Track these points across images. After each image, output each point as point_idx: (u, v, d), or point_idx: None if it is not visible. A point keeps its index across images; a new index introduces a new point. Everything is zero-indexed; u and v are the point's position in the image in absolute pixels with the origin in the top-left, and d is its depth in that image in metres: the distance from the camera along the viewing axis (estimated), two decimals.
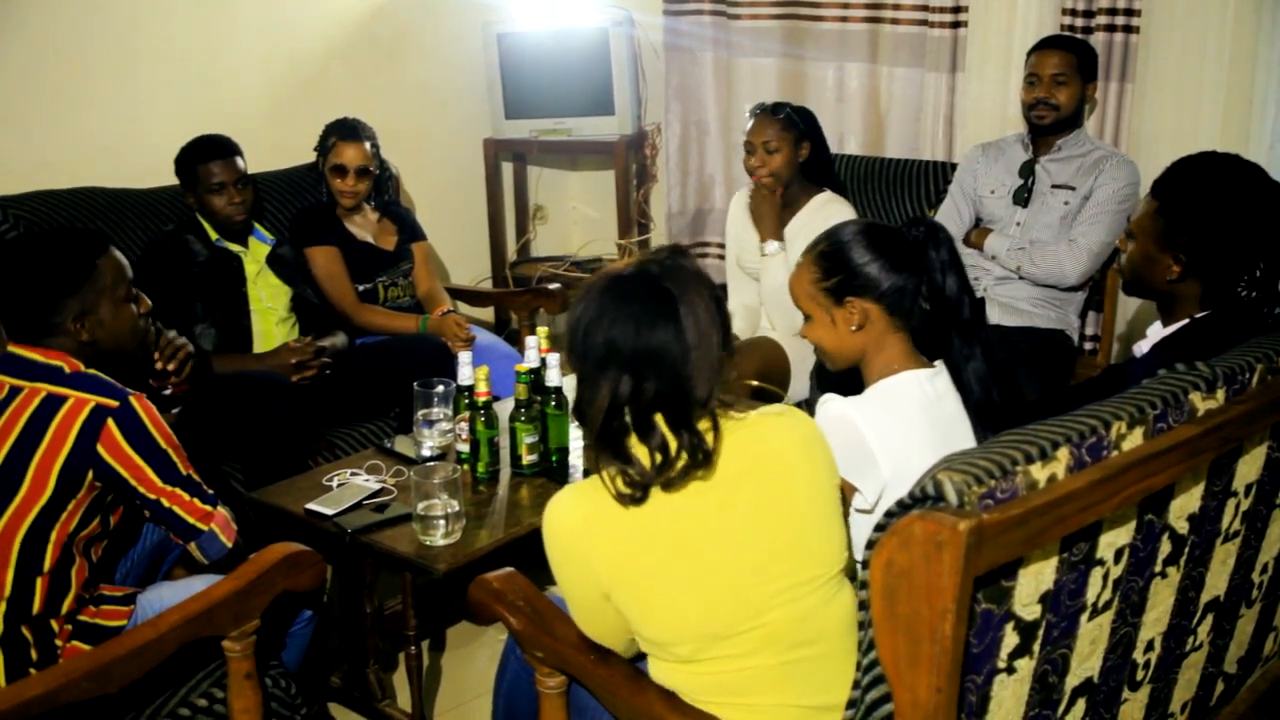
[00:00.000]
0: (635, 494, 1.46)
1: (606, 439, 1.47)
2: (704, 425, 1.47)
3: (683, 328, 1.45)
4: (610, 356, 1.46)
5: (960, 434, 1.84)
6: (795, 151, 3.01)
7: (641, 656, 1.64)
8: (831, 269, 1.85)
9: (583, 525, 1.51)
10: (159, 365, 2.25)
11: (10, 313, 1.92)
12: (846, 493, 1.78)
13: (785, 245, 2.99)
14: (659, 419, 1.46)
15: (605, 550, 1.50)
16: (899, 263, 1.82)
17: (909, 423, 1.79)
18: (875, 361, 1.85)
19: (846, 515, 1.78)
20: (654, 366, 1.45)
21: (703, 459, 1.46)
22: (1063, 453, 1.24)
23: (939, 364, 1.88)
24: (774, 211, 3.01)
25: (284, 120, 3.68)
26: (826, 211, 2.96)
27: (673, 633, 1.51)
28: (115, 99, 3.35)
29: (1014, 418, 1.81)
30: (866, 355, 1.86)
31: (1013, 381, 1.91)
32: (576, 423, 1.53)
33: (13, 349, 1.91)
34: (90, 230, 2.22)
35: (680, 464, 1.45)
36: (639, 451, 1.47)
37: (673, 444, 1.45)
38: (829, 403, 1.82)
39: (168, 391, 2.12)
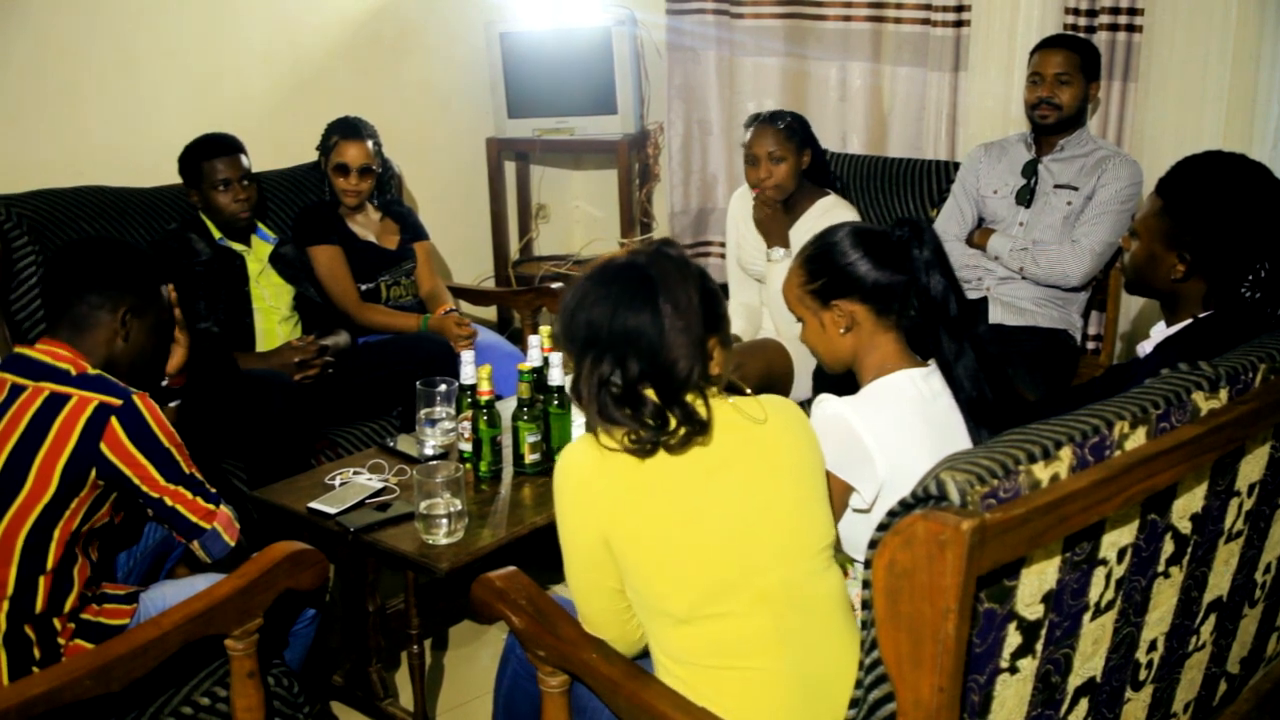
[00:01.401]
0: (645, 446, 1.52)
1: (602, 413, 1.55)
2: (692, 397, 1.54)
3: (660, 312, 1.52)
4: (591, 338, 1.55)
5: (956, 432, 1.84)
6: (799, 160, 3.01)
7: (643, 656, 1.65)
8: (816, 272, 1.87)
9: (594, 469, 1.57)
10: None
11: (68, 290, 1.92)
12: (844, 492, 1.78)
13: (791, 251, 2.98)
14: (649, 392, 1.53)
15: (611, 494, 1.56)
16: (882, 262, 1.83)
17: (904, 422, 1.79)
18: (868, 362, 1.86)
19: (842, 511, 1.79)
20: (633, 347, 1.52)
21: (699, 427, 1.53)
22: (1065, 452, 1.24)
23: (932, 363, 1.87)
24: (780, 220, 3.01)
25: (286, 119, 3.68)
26: (830, 216, 2.94)
27: (669, 585, 1.55)
28: (118, 98, 3.35)
29: (1008, 413, 1.82)
30: (859, 356, 1.86)
31: (1005, 377, 1.91)
32: (575, 401, 1.61)
33: (20, 350, 1.91)
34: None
35: (681, 432, 1.53)
36: (634, 422, 1.53)
37: (670, 416, 1.53)
38: (825, 403, 1.83)
39: (164, 383, 2.12)
